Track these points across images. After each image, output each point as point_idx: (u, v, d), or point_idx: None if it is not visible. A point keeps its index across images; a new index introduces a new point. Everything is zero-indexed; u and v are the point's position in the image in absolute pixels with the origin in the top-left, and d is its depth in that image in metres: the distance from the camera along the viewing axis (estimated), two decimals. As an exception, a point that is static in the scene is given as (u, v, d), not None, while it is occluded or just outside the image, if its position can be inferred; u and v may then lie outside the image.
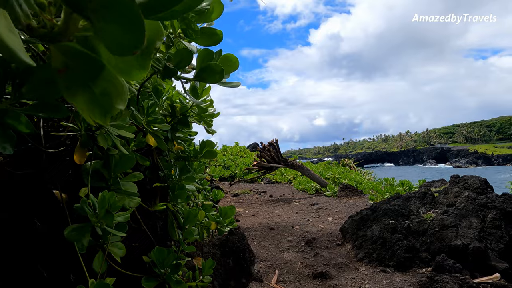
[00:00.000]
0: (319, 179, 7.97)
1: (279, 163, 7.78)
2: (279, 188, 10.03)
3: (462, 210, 3.42)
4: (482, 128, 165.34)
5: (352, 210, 5.96)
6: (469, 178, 3.83)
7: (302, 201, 7.40)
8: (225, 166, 12.08)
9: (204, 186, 3.57)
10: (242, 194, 8.52)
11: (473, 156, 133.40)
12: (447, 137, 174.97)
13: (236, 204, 7.33)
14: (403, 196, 4.09)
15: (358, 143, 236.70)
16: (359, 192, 7.22)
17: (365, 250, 3.65)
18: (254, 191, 9.16)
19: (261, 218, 5.94)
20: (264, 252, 4.12)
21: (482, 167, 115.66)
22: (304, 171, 7.90)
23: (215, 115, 2.49)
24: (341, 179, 8.46)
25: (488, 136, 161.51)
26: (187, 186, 2.30)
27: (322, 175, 8.90)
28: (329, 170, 9.00)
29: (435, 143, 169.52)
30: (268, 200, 7.78)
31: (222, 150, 13.85)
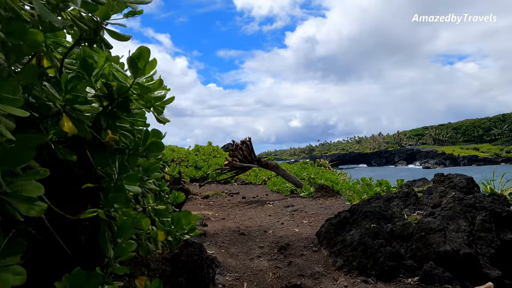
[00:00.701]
0: (294, 180, 7.60)
1: (252, 162, 7.34)
2: (253, 189, 9.58)
3: (449, 212, 3.10)
4: (449, 131, 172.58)
5: (328, 212, 5.61)
6: (455, 176, 3.53)
7: (276, 202, 6.99)
8: (197, 167, 11.50)
9: (162, 187, 3.06)
10: (213, 196, 8.01)
11: (441, 157, 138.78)
12: (417, 138, 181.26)
13: (205, 206, 6.81)
14: (384, 197, 3.75)
15: (333, 144, 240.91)
16: (336, 192, 6.90)
17: (344, 257, 3.26)
18: (227, 193, 8.66)
19: (231, 222, 5.46)
20: (232, 261, 3.65)
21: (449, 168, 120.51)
22: (279, 171, 7.50)
23: (167, 100, 2.01)
24: (317, 179, 8.13)
25: (455, 138, 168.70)
26: (128, 187, 1.81)
27: (298, 176, 8.54)
28: (305, 170, 8.66)
29: (406, 144, 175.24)
30: (240, 202, 7.31)
31: (194, 150, 13.24)
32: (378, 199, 3.77)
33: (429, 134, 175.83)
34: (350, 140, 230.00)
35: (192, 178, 10.84)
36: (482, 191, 11.85)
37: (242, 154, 7.17)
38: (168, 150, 12.90)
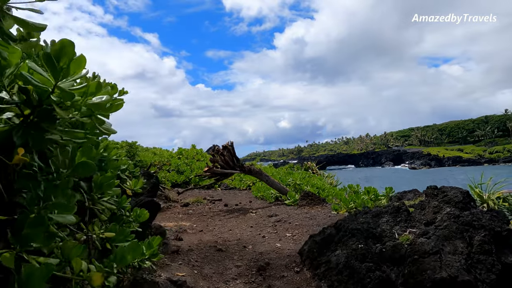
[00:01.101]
0: (279, 186, 7.25)
1: (235, 168, 6.95)
2: (237, 195, 9.19)
3: (444, 231, 2.78)
4: (434, 132, 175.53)
5: (313, 223, 5.26)
6: (449, 190, 3.22)
7: (259, 211, 6.62)
8: (179, 171, 11.04)
9: (121, 204, 2.64)
10: (193, 203, 7.59)
11: (427, 158, 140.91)
12: (403, 140, 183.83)
13: (184, 216, 6.39)
14: (372, 211, 3.41)
15: (321, 145, 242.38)
16: (322, 200, 6.57)
17: (329, 281, 2.91)
18: (208, 199, 8.25)
19: (209, 234, 5.06)
20: (204, 284, 3.26)
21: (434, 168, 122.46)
22: (263, 177, 7.14)
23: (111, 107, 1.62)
24: (302, 186, 7.79)
25: (440, 139, 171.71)
26: (57, 217, 1.40)
27: (283, 181, 8.19)
28: (290, 176, 8.31)
29: (392, 145, 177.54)
30: (222, 210, 6.91)
31: (177, 154, 12.76)
32: (366, 213, 3.43)
33: (415, 135, 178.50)
34: (338, 141, 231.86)
35: (174, 183, 10.38)
36: None
37: (223, 159, 6.78)
38: (150, 154, 12.39)
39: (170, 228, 5.24)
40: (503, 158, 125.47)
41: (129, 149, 10.50)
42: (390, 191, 5.81)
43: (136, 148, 10.65)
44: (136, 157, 10.57)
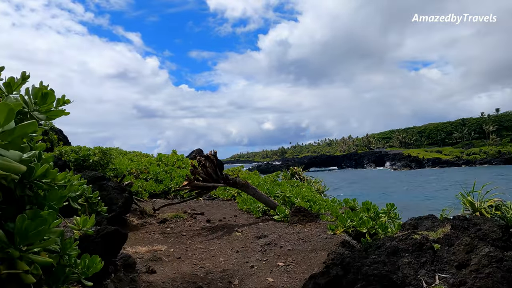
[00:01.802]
0: (267, 200, 6.58)
1: (218, 181, 6.24)
2: (220, 207, 8.46)
3: (486, 281, 2.18)
4: (414, 134, 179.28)
5: (308, 246, 4.62)
6: (482, 222, 2.63)
7: (246, 229, 5.92)
8: (158, 180, 10.21)
9: (66, 249, 1.90)
10: (172, 218, 6.82)
11: (407, 160, 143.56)
12: (385, 141, 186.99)
13: (160, 236, 5.62)
14: (387, 247, 2.78)
15: (304, 147, 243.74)
16: (315, 216, 5.94)
17: None
18: (189, 213, 7.49)
19: (189, 263, 4.33)
20: None
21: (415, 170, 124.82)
22: (249, 190, 6.45)
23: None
24: (292, 198, 7.15)
25: (420, 141, 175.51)
26: None
27: (271, 193, 7.52)
28: (279, 187, 7.65)
29: (374, 147, 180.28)
30: (204, 228, 6.18)
31: (156, 160, 11.89)
32: (378, 248, 2.81)
33: (396, 137, 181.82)
34: (321, 143, 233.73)
35: (151, 193, 9.55)
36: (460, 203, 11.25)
37: (205, 171, 6.05)
38: (126, 161, 11.48)
39: (143, 255, 4.48)
40: (479, 159, 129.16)
41: (102, 156, 9.61)
42: (391, 208, 5.24)
43: (110, 155, 9.76)
44: (110, 165, 9.68)
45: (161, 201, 9.34)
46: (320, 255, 4.29)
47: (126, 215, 6.28)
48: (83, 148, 9.50)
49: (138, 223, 6.42)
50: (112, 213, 5.94)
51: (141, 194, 9.19)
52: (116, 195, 6.04)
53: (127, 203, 6.11)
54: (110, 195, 5.99)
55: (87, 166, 9.55)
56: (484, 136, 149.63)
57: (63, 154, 9.54)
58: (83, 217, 2.33)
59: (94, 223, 2.41)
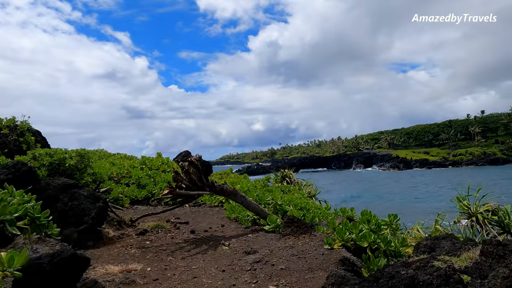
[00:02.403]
0: (257, 209, 6.04)
1: (203, 188, 5.67)
2: (207, 215, 7.88)
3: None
4: (402, 135, 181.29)
5: (304, 265, 4.10)
6: (521, 248, 2.14)
7: (233, 242, 5.37)
8: (141, 185, 9.57)
9: None
10: (153, 229, 6.21)
11: (396, 161, 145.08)
12: (373, 143, 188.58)
13: (138, 252, 5.02)
14: (403, 276, 2.27)
15: (294, 148, 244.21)
16: (309, 227, 5.43)
17: None
18: (172, 222, 6.90)
19: (167, 286, 3.76)
20: None
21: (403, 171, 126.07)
22: (238, 198, 5.90)
23: None
24: (284, 206, 6.63)
25: (407, 142, 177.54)
26: None
27: (261, 200, 6.99)
28: (270, 194, 7.12)
29: (363, 148, 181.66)
30: (187, 240, 5.60)
31: (140, 163, 11.23)
32: (392, 278, 2.31)
33: (384, 138, 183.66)
34: (310, 144, 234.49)
35: (133, 200, 8.90)
36: (457, 207, 10.82)
37: (189, 178, 5.48)
38: (107, 164, 10.79)
39: (114, 277, 3.88)
40: (465, 160, 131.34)
41: (80, 159, 8.92)
42: (394, 219, 4.77)
43: (88, 159, 9.07)
44: (88, 169, 9.00)
45: (143, 207, 8.72)
46: (317, 276, 3.78)
47: (100, 226, 5.66)
48: (59, 151, 8.80)
49: (115, 235, 5.81)
50: (84, 225, 5.32)
51: (121, 200, 8.55)
52: (89, 204, 5.42)
53: (101, 213, 5.49)
54: (82, 205, 5.36)
55: (63, 171, 8.85)
56: (470, 138, 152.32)
57: (37, 157, 8.83)
58: (10, 253, 1.74)
59: (27, 259, 1.83)
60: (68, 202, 5.33)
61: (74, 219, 5.26)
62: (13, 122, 12.89)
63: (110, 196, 8.56)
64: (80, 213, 5.27)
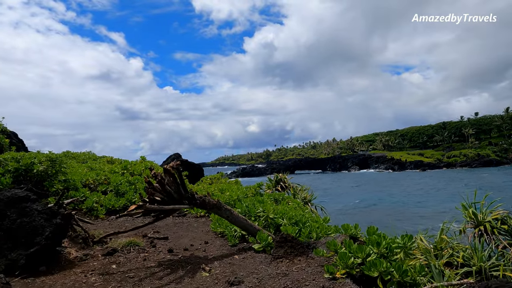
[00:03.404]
0: (246, 224, 5.19)
1: (181, 201, 4.81)
2: (191, 228, 7.00)
3: None
4: (397, 137, 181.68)
5: (300, 302, 3.26)
6: None
7: (216, 266, 4.51)
8: (120, 192, 8.66)
9: None
10: (124, 247, 5.33)
11: (390, 162, 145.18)
12: (368, 144, 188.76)
13: (99, 280, 4.14)
14: None
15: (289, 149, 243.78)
16: (305, 247, 4.60)
17: None
18: (149, 237, 6.03)
19: (122, 336, 2.90)
20: None
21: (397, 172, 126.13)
22: (223, 212, 5.04)
23: None
24: (277, 219, 5.78)
25: (402, 144, 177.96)
26: None
27: (251, 212, 6.14)
28: (261, 205, 6.26)
29: (358, 150, 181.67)
30: (162, 263, 4.73)
31: (121, 168, 10.31)
32: None
33: (379, 140, 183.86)
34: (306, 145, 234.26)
35: (110, 209, 8.00)
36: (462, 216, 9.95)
37: (163, 190, 4.62)
38: (84, 169, 9.86)
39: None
40: (459, 162, 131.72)
41: (51, 164, 8.00)
42: (408, 241, 3.96)
43: (60, 164, 8.15)
44: (59, 176, 8.08)
45: (121, 219, 7.83)
46: (317, 320, 2.94)
47: (58, 246, 4.76)
48: (26, 155, 7.88)
49: (77, 256, 4.92)
50: (35, 247, 4.44)
51: (96, 211, 7.65)
52: (43, 221, 4.54)
53: (58, 231, 4.61)
54: (33, 223, 4.48)
55: (30, 178, 7.93)
56: (464, 139, 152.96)
57: (1, 162, 7.90)
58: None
59: None
60: (17, 219, 4.44)
61: (24, 239, 4.38)
62: (-15, 123, 11.92)
63: (84, 205, 7.66)
64: (31, 232, 4.39)
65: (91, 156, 20.01)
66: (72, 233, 5.66)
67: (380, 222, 29.45)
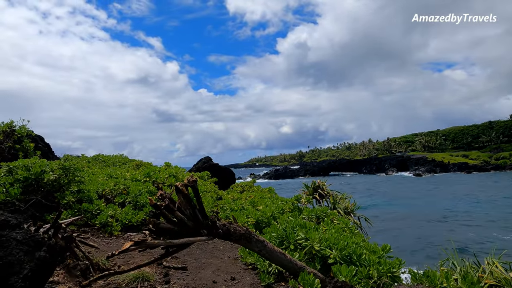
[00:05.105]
0: (284, 260, 3.89)
1: (198, 231, 3.61)
2: (214, 252, 5.81)
3: None
4: (438, 137, 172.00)
5: None
6: None
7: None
8: (138, 205, 7.67)
9: None
10: (130, 283, 4.22)
11: (431, 164, 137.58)
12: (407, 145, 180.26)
13: None
14: None
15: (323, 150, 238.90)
16: (371, 301, 3.22)
17: None
18: (164, 267, 4.90)
19: None
20: None
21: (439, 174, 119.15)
22: (253, 245, 3.77)
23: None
24: (325, 251, 4.43)
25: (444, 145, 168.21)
26: None
27: (289, 238, 4.82)
28: (302, 231, 4.91)
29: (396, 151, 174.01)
30: (173, 312, 3.56)
31: (143, 176, 9.38)
32: None
33: (418, 141, 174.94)
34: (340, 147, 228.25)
35: (126, 225, 7.02)
36: None
37: (174, 215, 3.44)
38: (104, 177, 9.01)
39: None
40: (509, 164, 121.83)
41: (63, 173, 7.17)
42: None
43: (73, 173, 7.30)
44: (72, 186, 7.23)
45: (138, 236, 6.81)
46: None
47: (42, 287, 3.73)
48: (37, 163, 7.09)
49: (70, 296, 3.87)
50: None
51: (110, 227, 6.69)
52: (22, 255, 3.53)
53: (42, 269, 3.59)
54: (9, 257, 3.48)
55: (42, 187, 7.14)
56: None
57: (12, 170, 7.18)
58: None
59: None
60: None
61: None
62: (10, 127, 11.53)
63: (97, 220, 6.73)
64: (5, 271, 3.40)
65: (122, 159, 19.60)
66: (71, 262, 4.65)
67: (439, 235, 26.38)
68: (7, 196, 6.59)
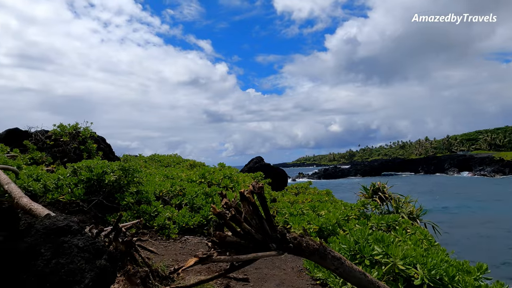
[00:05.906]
0: (365, 282, 3.34)
1: (266, 244, 3.20)
2: (276, 262, 5.38)
3: None
4: (508, 135, 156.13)
5: None
6: None
7: None
8: (194, 207, 7.51)
9: None
10: (191, 295, 3.93)
11: (499, 164, 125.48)
12: (469, 143, 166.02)
13: None
14: None
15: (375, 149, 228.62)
16: None
17: None
18: (223, 280, 4.58)
19: None
20: None
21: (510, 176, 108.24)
22: (328, 262, 3.27)
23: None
24: (410, 271, 3.79)
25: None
26: None
27: (362, 252, 4.24)
28: (379, 245, 4.27)
29: (457, 150, 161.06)
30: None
31: (198, 176, 9.27)
32: None
33: (483, 138, 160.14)
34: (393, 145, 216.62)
35: (183, 227, 6.87)
36: None
37: (241, 227, 3.06)
38: (161, 177, 9.03)
39: None
40: None
41: (122, 174, 7.23)
42: None
43: (132, 174, 7.34)
44: (131, 187, 7.26)
45: (196, 240, 6.64)
46: None
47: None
48: (99, 164, 7.22)
49: (130, 307, 3.67)
50: (72, 300, 3.32)
51: (168, 229, 6.58)
52: (83, 263, 3.39)
53: (103, 277, 3.43)
54: (71, 265, 3.36)
55: (103, 188, 7.26)
56: None
57: (76, 171, 7.40)
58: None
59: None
60: (51, 259, 3.36)
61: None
62: (75, 129, 12.16)
63: (155, 222, 6.67)
64: (66, 280, 3.27)
65: (176, 159, 20.04)
66: (131, 268, 4.50)
67: None
68: (72, 196, 6.77)
